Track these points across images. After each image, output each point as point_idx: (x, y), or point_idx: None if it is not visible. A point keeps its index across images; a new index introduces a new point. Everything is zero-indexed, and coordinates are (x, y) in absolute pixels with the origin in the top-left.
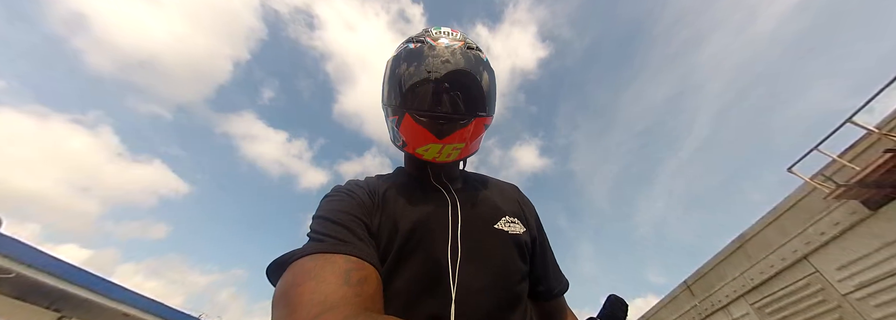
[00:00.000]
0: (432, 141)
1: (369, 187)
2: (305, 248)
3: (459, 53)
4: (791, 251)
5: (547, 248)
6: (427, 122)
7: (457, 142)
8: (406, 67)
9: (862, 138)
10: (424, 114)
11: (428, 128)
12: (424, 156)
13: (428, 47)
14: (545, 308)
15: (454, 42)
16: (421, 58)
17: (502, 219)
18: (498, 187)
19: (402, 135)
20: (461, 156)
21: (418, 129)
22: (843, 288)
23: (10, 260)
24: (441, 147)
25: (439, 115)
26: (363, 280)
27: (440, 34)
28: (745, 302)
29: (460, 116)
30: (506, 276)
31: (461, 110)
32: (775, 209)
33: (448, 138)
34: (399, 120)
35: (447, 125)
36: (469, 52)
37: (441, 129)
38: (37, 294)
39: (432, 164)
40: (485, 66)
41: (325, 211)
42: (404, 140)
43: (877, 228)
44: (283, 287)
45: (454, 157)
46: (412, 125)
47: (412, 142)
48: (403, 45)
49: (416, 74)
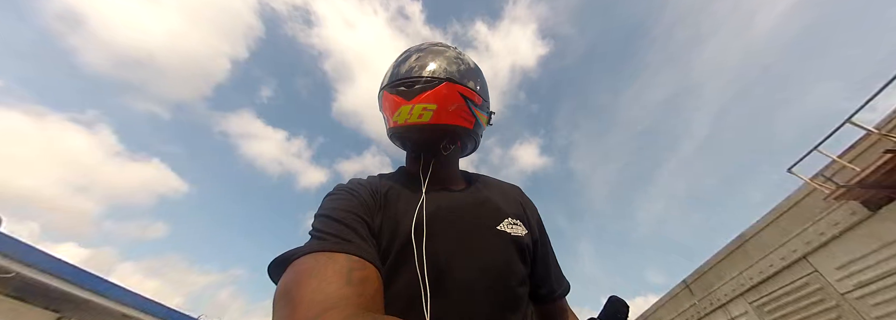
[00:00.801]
0: (402, 103)
1: (372, 186)
2: (307, 246)
3: (441, 49)
4: (790, 251)
5: (549, 250)
6: (396, 89)
7: (429, 102)
8: (394, 64)
9: (862, 139)
10: (394, 82)
11: (397, 94)
12: (398, 121)
13: (416, 49)
14: (547, 310)
15: (442, 47)
16: (408, 56)
17: (505, 221)
18: (500, 188)
19: (384, 116)
20: (437, 118)
21: (390, 99)
22: (842, 287)
23: (10, 259)
24: (411, 107)
25: (405, 79)
26: (364, 279)
27: (432, 43)
28: (744, 300)
29: (426, 78)
30: (507, 278)
31: (428, 73)
32: (775, 209)
33: (417, 98)
34: (380, 100)
35: (415, 86)
36: (452, 51)
37: (409, 92)
38: (36, 294)
39: (426, 160)
40: (465, 61)
41: (327, 209)
42: (386, 119)
43: (876, 229)
44: (285, 285)
45: (427, 118)
46: (387, 97)
47: (389, 115)
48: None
49: (401, 65)
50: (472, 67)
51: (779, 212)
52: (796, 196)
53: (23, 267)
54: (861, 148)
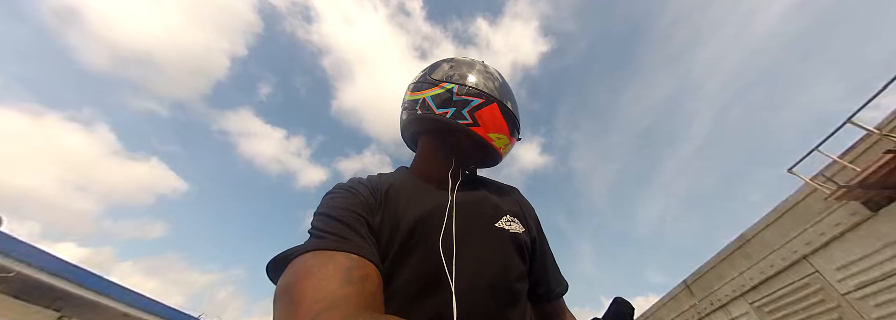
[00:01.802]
0: (506, 132)
1: (372, 185)
2: (307, 245)
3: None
4: (791, 251)
5: (546, 250)
6: (511, 118)
7: (512, 144)
8: (499, 86)
9: (862, 139)
10: (511, 113)
11: (509, 123)
12: (495, 142)
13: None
14: (545, 309)
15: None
16: (510, 92)
17: (503, 218)
18: (498, 188)
19: (477, 116)
20: (504, 153)
21: (501, 120)
22: (843, 287)
23: (11, 259)
24: (508, 141)
25: (517, 121)
26: (364, 278)
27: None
28: (745, 301)
29: (520, 131)
30: (506, 274)
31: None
32: (776, 209)
33: (513, 139)
34: (483, 104)
35: (516, 131)
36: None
37: (513, 130)
38: (37, 293)
39: (456, 165)
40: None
41: (327, 208)
42: (479, 122)
43: (877, 229)
44: (285, 283)
45: (505, 152)
46: (498, 113)
47: (488, 126)
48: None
49: (508, 94)
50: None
51: (779, 212)
52: (797, 196)
53: (24, 267)
54: (862, 148)
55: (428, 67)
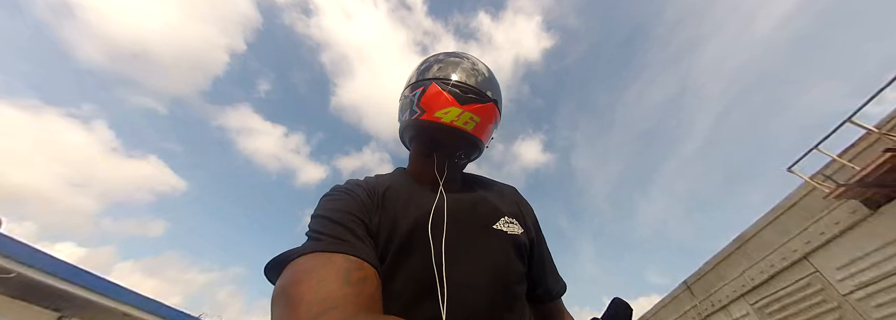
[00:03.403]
0: (453, 104)
1: (369, 186)
2: (305, 247)
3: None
4: (791, 251)
5: (545, 250)
6: (452, 90)
7: (477, 114)
8: (444, 64)
9: (862, 137)
10: (453, 82)
11: (451, 94)
12: (443, 118)
13: (465, 58)
14: (543, 310)
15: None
16: (458, 63)
17: (501, 220)
18: (497, 188)
19: (422, 105)
20: (476, 131)
21: (441, 95)
22: (844, 287)
23: (11, 260)
24: (461, 111)
25: (466, 86)
26: (363, 279)
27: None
28: (746, 302)
29: (480, 91)
30: (504, 276)
31: (482, 87)
32: (775, 209)
33: (468, 105)
34: (422, 91)
35: (469, 95)
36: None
37: (464, 97)
38: (37, 294)
39: (440, 163)
40: (497, 82)
41: (324, 210)
42: (423, 109)
43: (877, 228)
44: (283, 285)
45: (470, 128)
46: (436, 92)
47: (432, 108)
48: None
49: (455, 70)
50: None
51: (779, 211)
52: (796, 195)
53: (24, 268)
54: (861, 147)
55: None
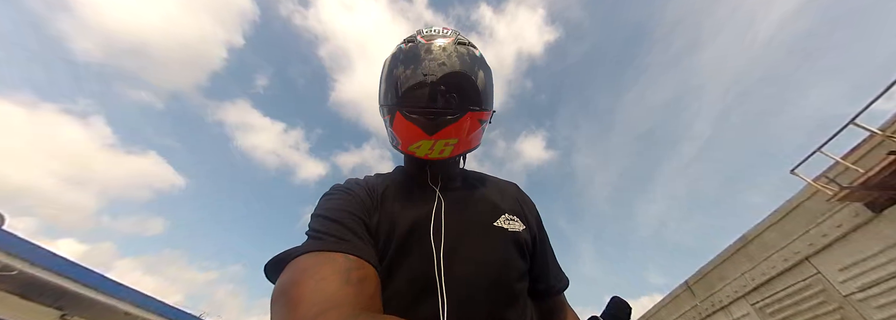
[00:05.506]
0: (423, 137)
1: (368, 186)
2: (305, 246)
3: (455, 54)
4: (793, 252)
5: (547, 246)
6: (417, 119)
7: (450, 137)
8: (403, 69)
9: (865, 140)
10: (414, 110)
11: (417, 124)
12: (417, 153)
13: (424, 50)
14: (546, 305)
15: (446, 39)
16: (417, 60)
17: (502, 217)
18: (498, 185)
19: (395, 133)
20: (456, 151)
21: (409, 126)
22: (845, 289)
23: (14, 257)
24: (432, 143)
25: (429, 110)
26: (363, 279)
27: (433, 33)
28: (746, 302)
29: (451, 111)
30: (505, 274)
31: (454, 106)
32: (778, 210)
33: (439, 134)
34: (392, 119)
35: (437, 120)
36: (461, 48)
37: (431, 125)
38: (40, 292)
39: (431, 163)
40: (479, 64)
41: (324, 209)
42: (398, 139)
43: (880, 230)
44: (283, 285)
45: (448, 153)
46: (403, 122)
47: (405, 140)
48: (397, 46)
49: (413, 77)
50: (487, 71)
51: (781, 213)
52: (799, 197)
53: (26, 265)
54: (865, 149)
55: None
